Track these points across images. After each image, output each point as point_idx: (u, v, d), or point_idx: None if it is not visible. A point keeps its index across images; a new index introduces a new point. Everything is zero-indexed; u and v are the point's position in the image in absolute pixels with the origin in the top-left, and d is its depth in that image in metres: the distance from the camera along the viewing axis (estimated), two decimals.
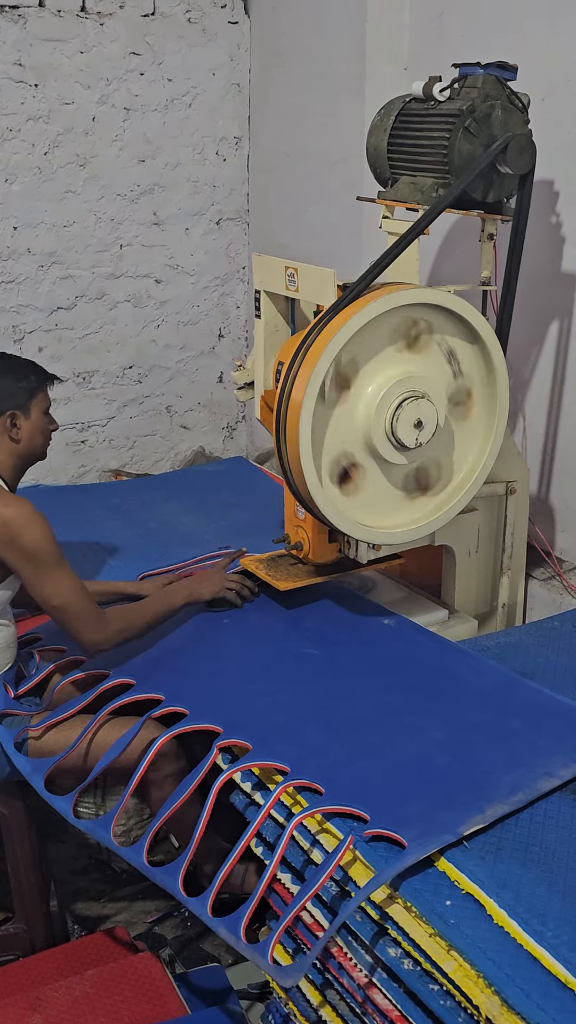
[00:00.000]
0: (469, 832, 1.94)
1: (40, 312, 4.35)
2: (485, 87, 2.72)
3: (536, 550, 3.37)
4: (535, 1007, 1.60)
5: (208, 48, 4.44)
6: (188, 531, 3.47)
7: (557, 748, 2.22)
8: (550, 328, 3.34)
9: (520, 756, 2.19)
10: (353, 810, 2.02)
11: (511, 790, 2.06)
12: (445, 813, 1.99)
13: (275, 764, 2.18)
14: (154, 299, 4.61)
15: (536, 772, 2.12)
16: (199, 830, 2.08)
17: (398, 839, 1.93)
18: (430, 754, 2.22)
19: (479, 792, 2.06)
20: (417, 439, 2.55)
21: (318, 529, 2.75)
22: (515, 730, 2.30)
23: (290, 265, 2.71)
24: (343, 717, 2.38)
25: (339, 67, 3.93)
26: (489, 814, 1.99)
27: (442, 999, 1.73)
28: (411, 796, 2.07)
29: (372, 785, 2.11)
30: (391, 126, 2.91)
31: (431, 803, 2.04)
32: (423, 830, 1.93)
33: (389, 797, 2.06)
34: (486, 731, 2.31)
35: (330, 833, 2.02)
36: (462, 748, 2.24)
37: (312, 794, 2.11)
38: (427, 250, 3.66)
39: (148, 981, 2.27)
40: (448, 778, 2.13)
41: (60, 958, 2.41)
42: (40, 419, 2.59)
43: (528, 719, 2.34)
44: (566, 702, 2.40)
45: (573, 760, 2.17)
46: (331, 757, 2.21)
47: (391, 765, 2.18)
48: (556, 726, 2.31)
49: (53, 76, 4.14)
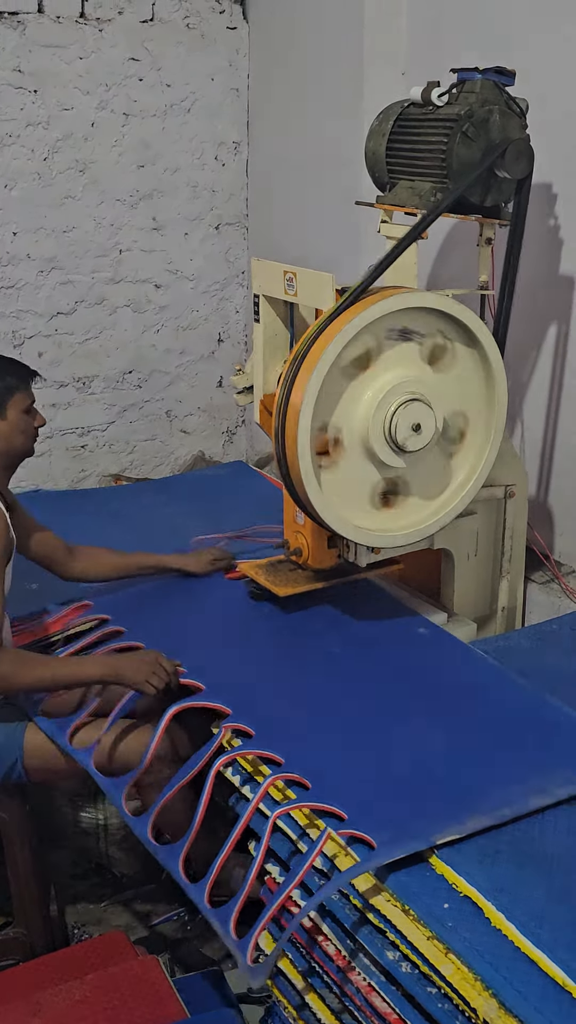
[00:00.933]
0: (443, 841, 1.94)
1: (40, 317, 4.37)
2: (483, 92, 2.73)
3: (535, 553, 3.37)
4: (532, 1010, 1.60)
5: (207, 53, 4.46)
6: (188, 535, 3.47)
7: (561, 766, 2.19)
8: (548, 331, 3.35)
9: (517, 772, 2.17)
10: (331, 808, 2.05)
11: (498, 804, 2.05)
12: (423, 820, 2.00)
13: (271, 754, 2.23)
14: (154, 304, 4.62)
15: (530, 788, 2.10)
16: (199, 813, 2.12)
17: (369, 840, 1.95)
18: (426, 760, 2.23)
19: (465, 803, 2.05)
20: (414, 443, 2.55)
21: (317, 534, 2.75)
22: (521, 744, 2.28)
23: (289, 269, 2.72)
24: (352, 717, 2.41)
25: (337, 72, 3.94)
26: (468, 825, 1.98)
27: (440, 1002, 1.73)
28: (393, 800, 2.09)
29: (359, 785, 2.13)
30: (389, 131, 2.92)
31: (412, 809, 2.05)
32: (396, 834, 1.94)
33: (372, 799, 2.09)
34: (491, 743, 2.29)
35: (319, 829, 2.05)
36: (460, 757, 2.24)
37: (299, 788, 2.15)
38: (426, 254, 3.67)
39: (148, 985, 2.26)
40: (436, 785, 2.14)
41: (60, 962, 2.40)
42: (18, 419, 2.56)
43: (537, 734, 2.32)
44: (567, 712, 2.38)
45: (571, 781, 2.14)
46: (326, 754, 2.25)
47: (383, 767, 2.21)
48: (564, 743, 2.28)
49: (52, 82, 4.15)
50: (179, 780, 2.22)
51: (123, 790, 2.29)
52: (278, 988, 2.21)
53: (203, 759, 2.23)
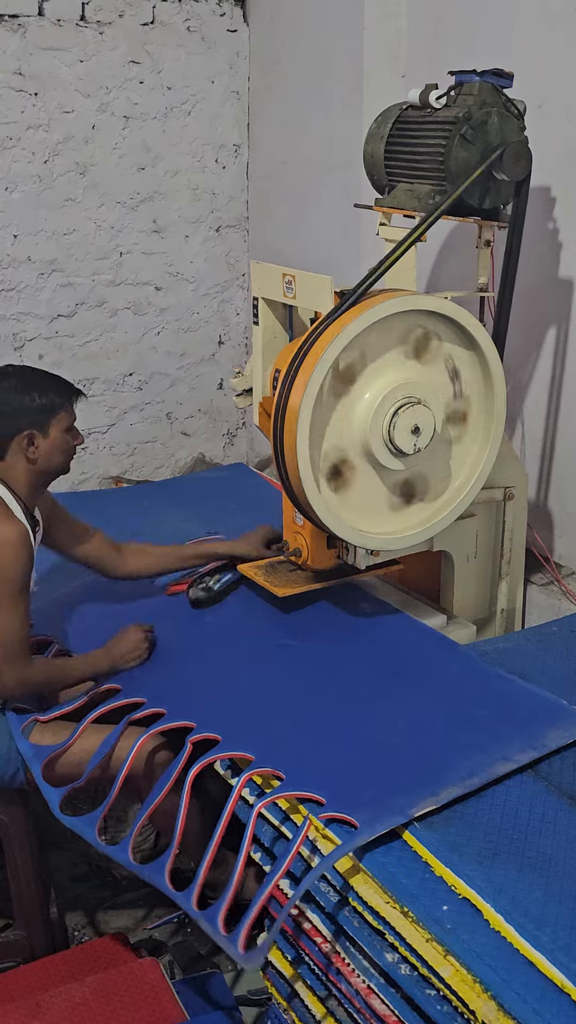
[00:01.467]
0: (421, 813, 2.02)
1: (40, 320, 4.37)
2: (481, 94, 2.74)
3: (535, 555, 3.38)
4: (531, 1012, 1.60)
5: (207, 56, 4.47)
6: (188, 538, 3.47)
7: (517, 734, 2.28)
8: (548, 333, 3.35)
9: (479, 742, 2.26)
10: (310, 795, 2.10)
11: (467, 774, 2.13)
12: (399, 796, 2.06)
13: (241, 754, 2.26)
14: (154, 306, 4.63)
15: (493, 757, 2.19)
16: (179, 824, 2.17)
17: (351, 821, 1.99)
18: (393, 740, 2.30)
19: (435, 775, 2.13)
20: (415, 445, 2.55)
21: (316, 535, 2.75)
22: (479, 717, 2.37)
23: (288, 272, 2.72)
24: (312, 706, 2.47)
25: (337, 75, 3.94)
26: (443, 796, 2.06)
27: (439, 1004, 1.73)
28: (368, 780, 2.15)
29: (332, 771, 2.19)
30: (388, 134, 2.92)
31: (387, 787, 2.11)
32: (375, 812, 2.01)
33: (347, 782, 2.14)
34: (451, 718, 2.38)
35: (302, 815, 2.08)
36: (425, 735, 2.32)
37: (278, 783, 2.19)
38: (426, 257, 3.67)
39: (148, 987, 2.27)
40: (407, 763, 2.21)
41: (60, 964, 2.41)
42: (60, 438, 2.55)
43: (493, 707, 2.41)
44: (532, 690, 2.46)
45: (531, 746, 2.23)
46: (296, 745, 2.30)
47: (353, 751, 2.27)
48: (520, 713, 2.38)
49: (53, 85, 4.16)
50: (152, 801, 2.24)
51: (60, 799, 2.33)
52: (276, 988, 2.21)
53: (173, 775, 2.24)
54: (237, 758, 2.29)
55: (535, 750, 2.22)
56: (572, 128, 3.12)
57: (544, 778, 2.18)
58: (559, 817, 2.05)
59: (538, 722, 2.33)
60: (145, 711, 2.46)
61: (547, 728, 2.30)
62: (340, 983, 1.97)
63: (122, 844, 2.20)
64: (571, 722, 2.33)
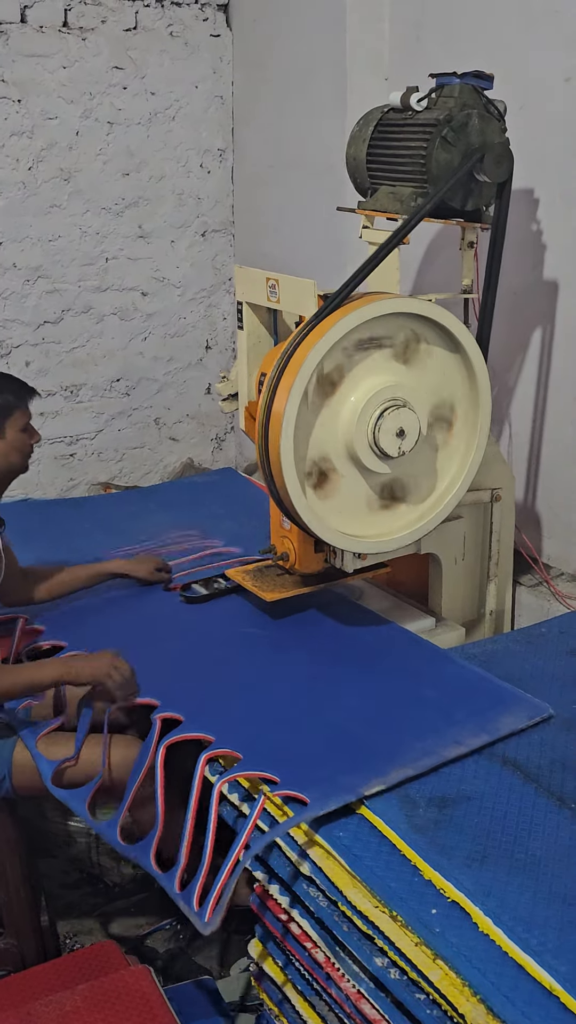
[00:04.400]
0: (371, 792, 2.08)
1: (26, 326, 4.36)
2: (462, 96, 2.74)
3: (523, 557, 3.38)
4: (520, 1015, 1.60)
5: (191, 61, 4.46)
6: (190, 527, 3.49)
7: (470, 719, 2.34)
8: (533, 335, 3.35)
9: (432, 724, 2.33)
10: (264, 774, 2.17)
11: (418, 755, 2.20)
12: (350, 776, 2.12)
13: (202, 735, 2.32)
14: (141, 312, 4.62)
15: (446, 740, 2.26)
16: (159, 802, 2.24)
17: (302, 798, 2.06)
18: (348, 723, 2.36)
19: (387, 757, 2.19)
20: (400, 448, 2.55)
21: (304, 539, 2.75)
22: (433, 701, 2.44)
23: (271, 276, 2.72)
24: (272, 690, 2.54)
25: (321, 78, 3.94)
26: (392, 776, 2.12)
27: (429, 1008, 1.73)
28: (322, 760, 2.21)
29: (287, 751, 2.26)
30: (370, 136, 2.92)
31: (339, 767, 2.17)
32: (326, 790, 2.07)
33: (301, 762, 2.21)
34: (404, 701, 2.45)
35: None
36: (379, 717, 2.38)
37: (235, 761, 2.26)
38: (411, 259, 3.68)
39: (139, 995, 2.26)
40: (360, 744, 2.27)
41: (51, 973, 2.39)
42: (16, 437, 2.58)
43: (448, 691, 2.48)
44: (486, 676, 2.53)
45: (484, 730, 2.30)
46: (254, 727, 2.37)
47: (309, 732, 2.34)
48: (472, 698, 2.44)
49: (36, 91, 4.15)
50: (132, 784, 2.33)
51: (86, 801, 2.37)
52: (267, 994, 2.21)
53: (148, 756, 2.32)
54: (198, 739, 2.34)
55: (488, 734, 2.29)
56: (554, 129, 3.13)
57: (534, 780, 2.17)
58: (548, 819, 2.05)
59: (491, 707, 2.39)
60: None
61: (499, 714, 2.37)
62: (330, 988, 1.96)
63: (109, 823, 2.29)
64: (523, 708, 2.39)
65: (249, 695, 2.52)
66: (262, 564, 2.96)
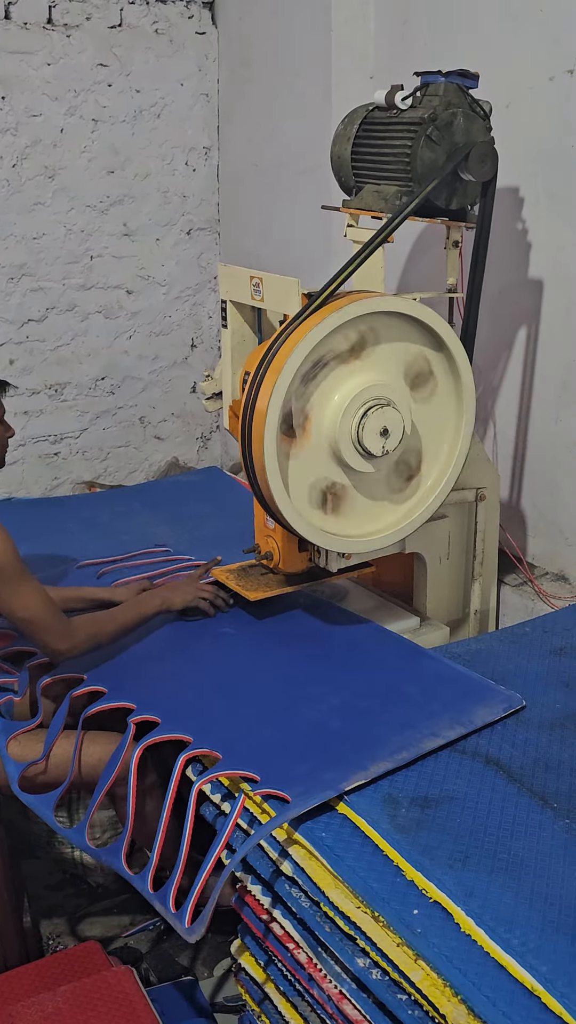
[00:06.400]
0: (351, 787, 2.08)
1: (10, 324, 4.34)
2: (447, 95, 2.73)
3: (508, 556, 3.38)
4: (501, 1015, 1.60)
5: (176, 59, 4.45)
6: (162, 542, 3.46)
7: (446, 711, 2.37)
8: (518, 334, 3.35)
9: (410, 719, 2.34)
10: (245, 773, 2.16)
11: (396, 749, 2.21)
12: (330, 772, 2.13)
13: (180, 736, 2.30)
14: (125, 310, 4.61)
15: (423, 733, 2.27)
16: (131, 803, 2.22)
17: (283, 796, 2.06)
18: (325, 719, 2.37)
19: (366, 752, 2.20)
20: (384, 447, 2.54)
21: (288, 539, 2.74)
22: (409, 695, 2.46)
23: (255, 275, 2.71)
24: (249, 689, 2.54)
25: (306, 76, 3.94)
26: (372, 771, 2.13)
27: (410, 1008, 1.73)
28: (302, 758, 2.22)
29: (267, 750, 2.26)
30: (355, 135, 2.92)
31: (319, 763, 2.18)
32: (307, 787, 2.07)
33: (281, 760, 2.21)
34: (381, 697, 2.46)
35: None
36: (356, 713, 2.39)
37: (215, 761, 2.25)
38: (395, 258, 3.67)
39: (122, 996, 2.25)
40: (339, 740, 2.28)
41: (33, 974, 2.38)
42: None
43: (423, 686, 2.50)
44: (460, 670, 2.55)
45: (459, 722, 2.32)
46: (233, 726, 2.36)
47: (287, 730, 2.35)
48: (448, 692, 2.47)
49: (20, 88, 4.13)
50: (104, 784, 2.29)
51: (52, 806, 2.34)
52: (248, 994, 2.20)
53: (120, 759, 2.30)
54: (176, 740, 2.32)
55: (463, 726, 2.31)
56: (539, 128, 3.13)
57: (517, 780, 2.17)
58: (531, 819, 2.05)
59: (466, 700, 2.42)
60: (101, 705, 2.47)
61: (474, 706, 2.39)
62: (312, 988, 1.96)
63: (78, 827, 2.28)
64: (497, 701, 2.41)
65: (227, 695, 2.51)
66: (246, 563, 2.95)
